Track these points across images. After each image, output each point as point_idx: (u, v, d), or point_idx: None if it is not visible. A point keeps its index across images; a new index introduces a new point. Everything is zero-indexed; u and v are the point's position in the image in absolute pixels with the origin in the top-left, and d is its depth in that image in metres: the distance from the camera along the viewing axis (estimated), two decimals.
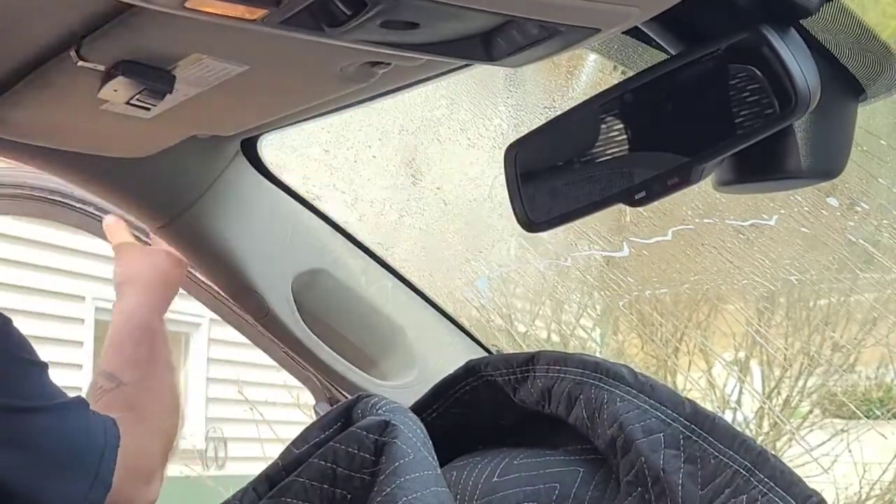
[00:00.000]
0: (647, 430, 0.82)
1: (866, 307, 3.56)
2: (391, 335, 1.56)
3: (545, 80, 2.52)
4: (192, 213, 1.36)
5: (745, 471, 0.77)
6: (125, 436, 1.24)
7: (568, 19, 0.73)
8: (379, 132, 2.89)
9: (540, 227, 0.95)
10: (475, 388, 1.00)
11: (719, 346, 4.10)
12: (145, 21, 0.90)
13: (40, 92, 1.08)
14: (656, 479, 0.80)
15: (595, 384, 0.87)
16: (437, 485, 0.84)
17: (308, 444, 0.88)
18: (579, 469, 0.87)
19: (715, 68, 0.79)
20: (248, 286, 1.42)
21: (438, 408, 1.02)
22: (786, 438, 3.85)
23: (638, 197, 0.84)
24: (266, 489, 0.87)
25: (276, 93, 1.09)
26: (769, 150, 0.81)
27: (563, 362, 0.91)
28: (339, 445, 0.85)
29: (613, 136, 0.89)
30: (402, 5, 0.70)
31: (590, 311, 4.25)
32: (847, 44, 0.80)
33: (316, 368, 1.54)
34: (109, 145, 1.27)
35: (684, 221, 2.88)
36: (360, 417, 0.89)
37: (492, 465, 0.92)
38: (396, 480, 0.81)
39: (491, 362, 0.98)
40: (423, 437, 0.88)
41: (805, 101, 0.75)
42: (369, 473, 0.84)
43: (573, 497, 0.85)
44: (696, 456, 0.80)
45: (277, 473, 0.88)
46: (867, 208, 2.71)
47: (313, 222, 1.49)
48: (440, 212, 3.23)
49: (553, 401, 0.91)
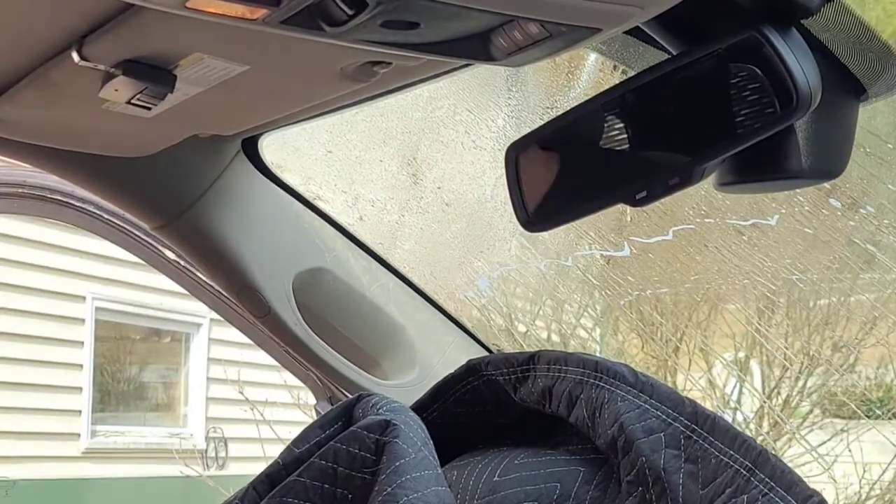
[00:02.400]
0: (647, 429, 0.82)
1: (866, 307, 3.56)
2: (392, 334, 1.56)
3: (546, 80, 2.52)
4: (193, 212, 1.36)
5: (745, 471, 0.77)
6: None
7: (569, 19, 0.73)
8: (381, 132, 2.89)
9: (540, 227, 0.95)
10: (476, 388, 1.00)
11: (719, 345, 4.10)
12: (146, 21, 0.90)
13: (41, 91, 1.08)
14: (657, 479, 0.80)
15: (595, 384, 0.87)
16: (437, 484, 0.84)
17: (309, 443, 0.88)
18: (580, 469, 0.87)
19: (716, 68, 0.79)
20: (248, 285, 1.42)
21: (439, 407, 1.02)
22: (786, 438, 3.85)
23: (639, 197, 0.84)
24: (266, 488, 0.87)
25: (276, 92, 1.09)
26: (770, 150, 0.81)
27: (563, 362, 0.92)
28: (340, 445, 0.86)
29: (614, 135, 0.89)
30: (403, 5, 0.70)
31: (590, 311, 4.25)
32: (848, 43, 0.80)
33: (316, 368, 1.54)
34: (110, 145, 1.27)
35: (685, 221, 2.89)
36: (361, 417, 0.89)
37: (492, 464, 0.92)
38: (397, 480, 0.81)
39: (491, 361, 0.98)
40: (424, 436, 0.88)
41: (806, 101, 0.75)
42: (370, 473, 0.84)
43: (574, 496, 0.85)
44: (697, 456, 0.80)
45: (278, 473, 0.88)
46: (871, 210, 2.71)
47: (314, 221, 1.49)
48: (441, 212, 3.23)
49: (554, 400, 0.91)
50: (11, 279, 7.11)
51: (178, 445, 7.50)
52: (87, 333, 7.73)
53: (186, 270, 1.59)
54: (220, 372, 7.30)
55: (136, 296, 7.81)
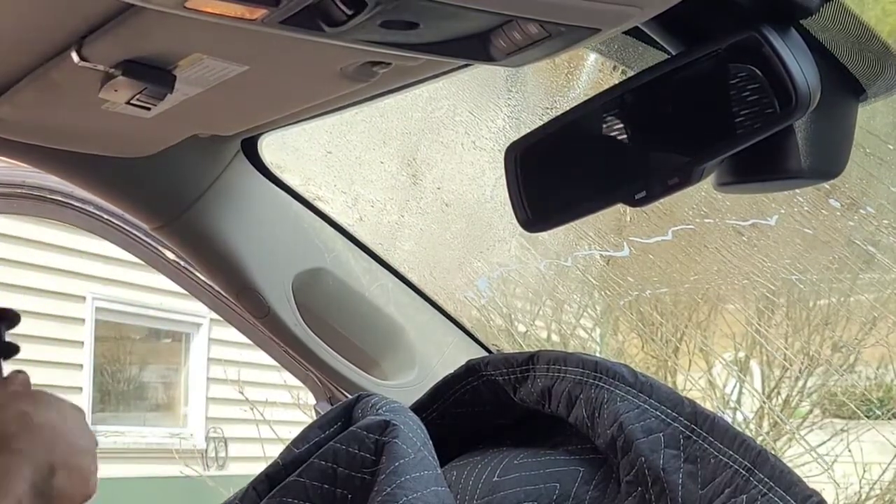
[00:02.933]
0: (646, 429, 0.82)
1: (866, 307, 3.56)
2: (392, 335, 1.56)
3: (545, 80, 2.52)
4: (193, 212, 1.36)
5: (744, 470, 0.77)
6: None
7: (568, 19, 0.73)
8: (381, 133, 2.89)
9: (540, 227, 0.95)
10: (475, 388, 1.00)
11: (719, 346, 4.10)
12: (146, 21, 0.90)
13: (40, 92, 1.08)
14: (656, 479, 0.80)
15: (595, 384, 0.87)
16: (437, 484, 0.84)
17: (308, 443, 0.88)
18: (579, 469, 0.87)
19: (715, 68, 0.79)
20: (248, 286, 1.42)
21: (439, 407, 1.02)
22: (786, 438, 3.85)
23: (638, 197, 0.84)
24: (266, 489, 0.87)
25: (276, 93, 1.09)
26: (769, 150, 0.81)
27: (562, 362, 0.92)
28: (340, 445, 0.86)
29: (614, 136, 0.89)
30: (402, 5, 0.70)
31: (590, 311, 4.25)
32: (847, 43, 0.80)
33: (316, 368, 1.54)
34: (109, 145, 1.27)
35: (685, 221, 2.89)
36: (361, 417, 0.89)
37: (492, 464, 0.92)
38: (397, 480, 0.81)
39: (491, 362, 0.98)
40: (424, 436, 0.88)
41: (805, 101, 0.75)
42: (370, 473, 0.84)
43: (573, 496, 0.85)
44: (696, 456, 0.80)
45: (278, 473, 0.88)
46: (871, 211, 2.71)
47: (314, 222, 1.49)
48: (441, 212, 3.23)
49: (553, 400, 0.91)
50: (11, 279, 7.11)
51: (178, 445, 7.50)
52: (87, 333, 7.72)
53: (186, 271, 1.59)
54: (220, 372, 7.30)
55: (136, 296, 7.80)
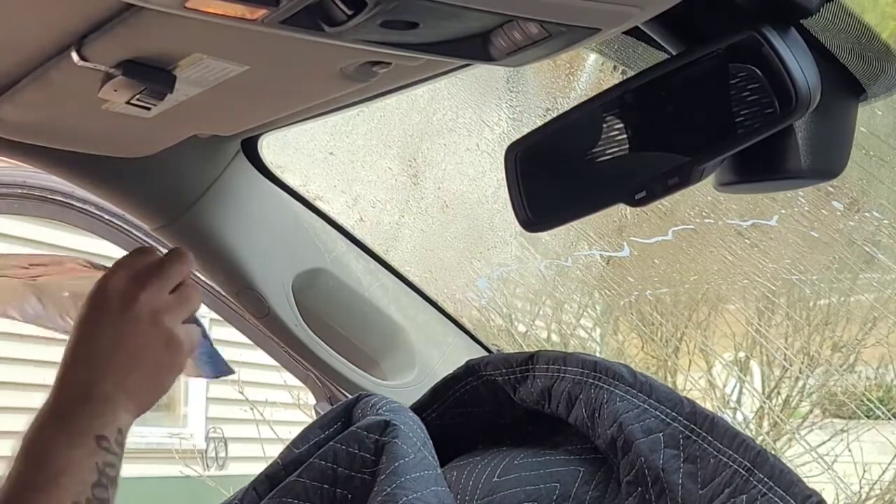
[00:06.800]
0: (646, 429, 0.82)
1: (866, 307, 3.56)
2: (392, 335, 1.56)
3: (546, 80, 2.52)
4: (193, 212, 1.36)
5: (744, 470, 0.77)
6: None
7: (568, 19, 0.73)
8: (381, 133, 2.89)
9: (540, 227, 0.95)
10: (475, 388, 1.00)
11: (719, 346, 4.10)
12: (146, 21, 0.90)
13: (40, 92, 1.08)
14: (656, 479, 0.80)
15: (594, 384, 0.88)
16: (437, 484, 0.84)
17: (308, 443, 0.88)
18: (579, 469, 0.87)
19: (715, 68, 0.79)
20: (248, 286, 1.42)
21: (438, 407, 1.02)
22: (786, 438, 3.85)
23: (638, 197, 0.84)
24: (266, 489, 0.87)
25: (276, 92, 1.09)
26: (769, 150, 0.81)
27: (562, 362, 0.92)
28: (340, 445, 0.86)
29: (614, 135, 0.89)
30: (402, 5, 0.70)
31: (590, 311, 4.25)
32: (847, 44, 0.80)
33: (316, 368, 1.54)
34: (109, 145, 1.26)
35: (685, 221, 2.89)
36: (361, 417, 0.89)
37: (492, 464, 0.92)
38: (397, 480, 0.81)
39: (491, 362, 0.98)
40: (424, 436, 0.88)
41: (805, 101, 0.75)
42: (370, 473, 0.85)
43: (573, 496, 0.85)
44: (696, 455, 0.80)
45: (278, 473, 0.88)
46: (877, 216, 2.71)
47: (314, 222, 1.49)
48: (441, 212, 3.23)
49: (553, 400, 0.91)
50: None
51: (178, 445, 7.50)
52: None
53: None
54: None
55: None
